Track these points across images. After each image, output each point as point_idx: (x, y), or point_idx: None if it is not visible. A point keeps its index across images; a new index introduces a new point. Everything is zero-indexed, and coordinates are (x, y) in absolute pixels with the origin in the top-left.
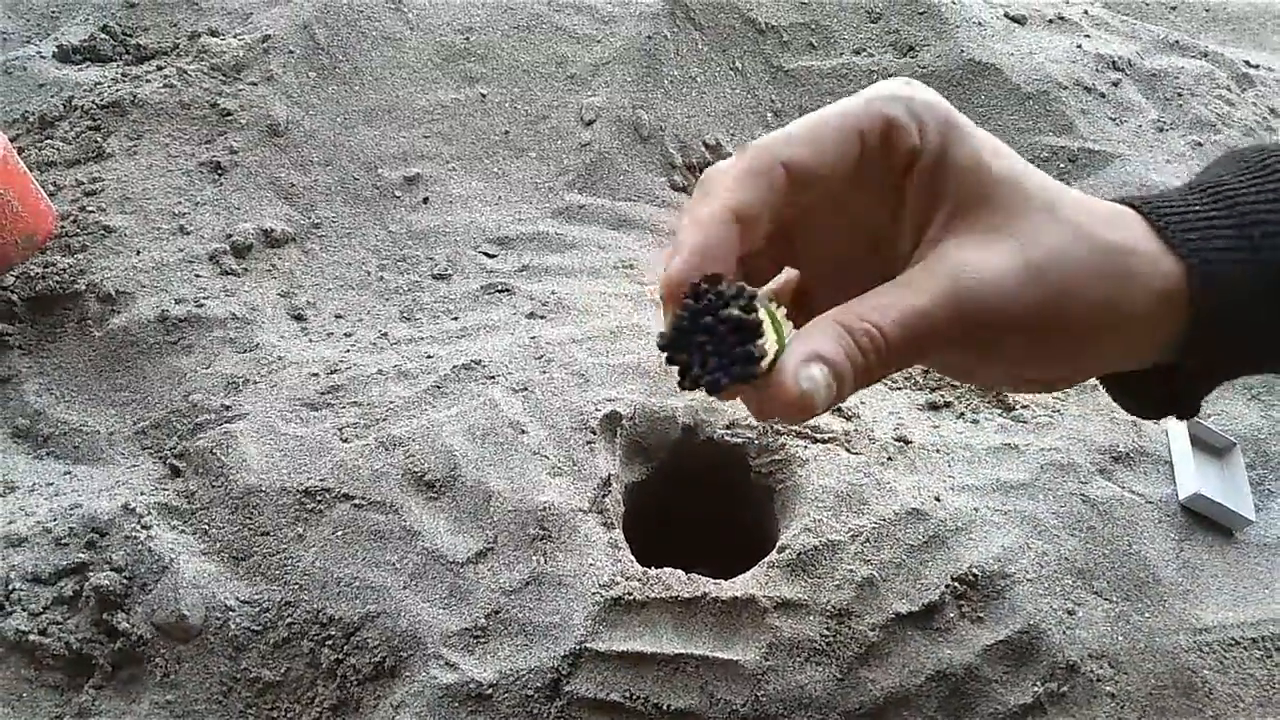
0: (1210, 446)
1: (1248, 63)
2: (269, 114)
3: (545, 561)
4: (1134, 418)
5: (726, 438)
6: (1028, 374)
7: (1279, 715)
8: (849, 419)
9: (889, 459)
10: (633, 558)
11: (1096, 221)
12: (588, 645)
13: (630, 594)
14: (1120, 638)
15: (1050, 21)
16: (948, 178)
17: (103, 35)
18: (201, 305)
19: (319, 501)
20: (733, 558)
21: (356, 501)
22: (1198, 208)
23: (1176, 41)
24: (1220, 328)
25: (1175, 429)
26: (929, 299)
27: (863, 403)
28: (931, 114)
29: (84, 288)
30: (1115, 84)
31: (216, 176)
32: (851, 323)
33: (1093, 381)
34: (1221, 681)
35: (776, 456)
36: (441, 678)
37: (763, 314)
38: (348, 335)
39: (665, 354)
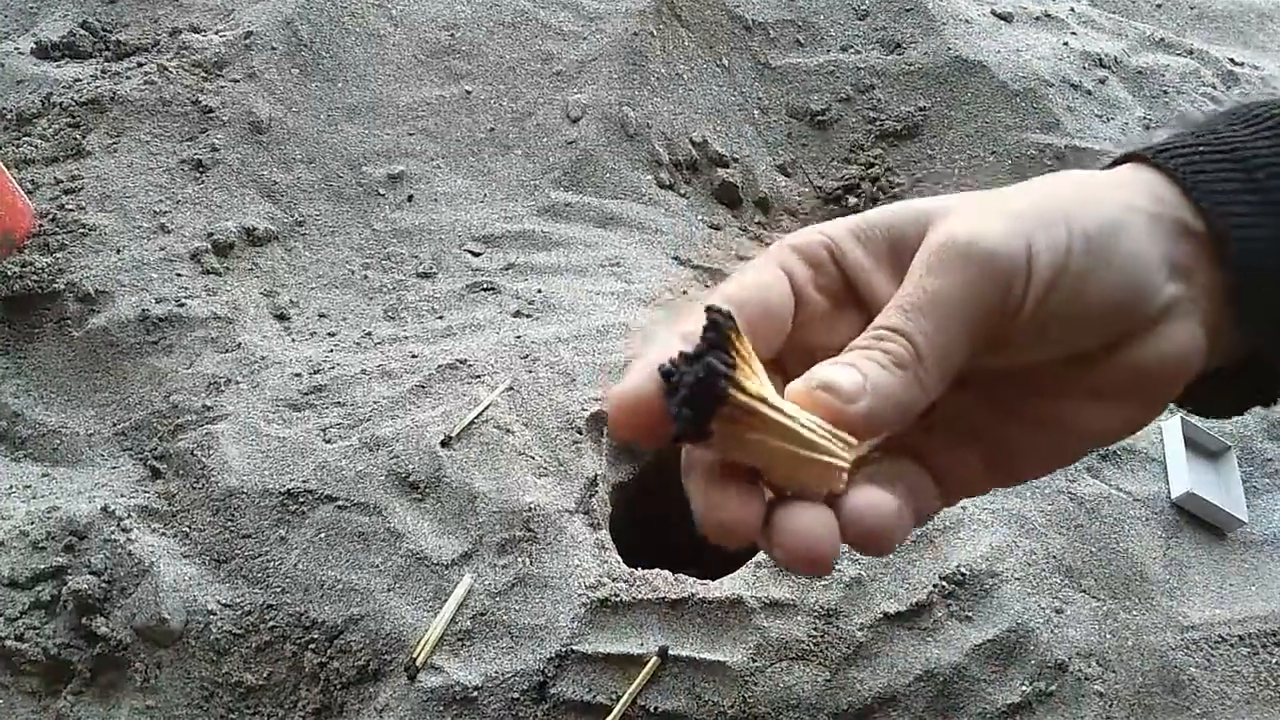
0: (1204, 448)
1: (1232, 60)
2: (251, 111)
3: (531, 563)
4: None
5: None
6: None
7: (1266, 712)
8: None
9: None
10: (619, 558)
11: (1085, 178)
12: (574, 647)
13: (617, 595)
14: (1108, 636)
15: (1037, 19)
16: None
17: (82, 31)
18: (183, 305)
19: (301, 503)
20: (720, 558)
21: (340, 503)
22: (1204, 150)
23: (1162, 39)
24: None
25: (1170, 428)
26: (933, 272)
27: None
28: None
29: (63, 287)
30: (1102, 81)
31: (198, 174)
32: (866, 340)
33: None
34: (1208, 679)
35: None
36: (426, 681)
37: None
38: (331, 335)
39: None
